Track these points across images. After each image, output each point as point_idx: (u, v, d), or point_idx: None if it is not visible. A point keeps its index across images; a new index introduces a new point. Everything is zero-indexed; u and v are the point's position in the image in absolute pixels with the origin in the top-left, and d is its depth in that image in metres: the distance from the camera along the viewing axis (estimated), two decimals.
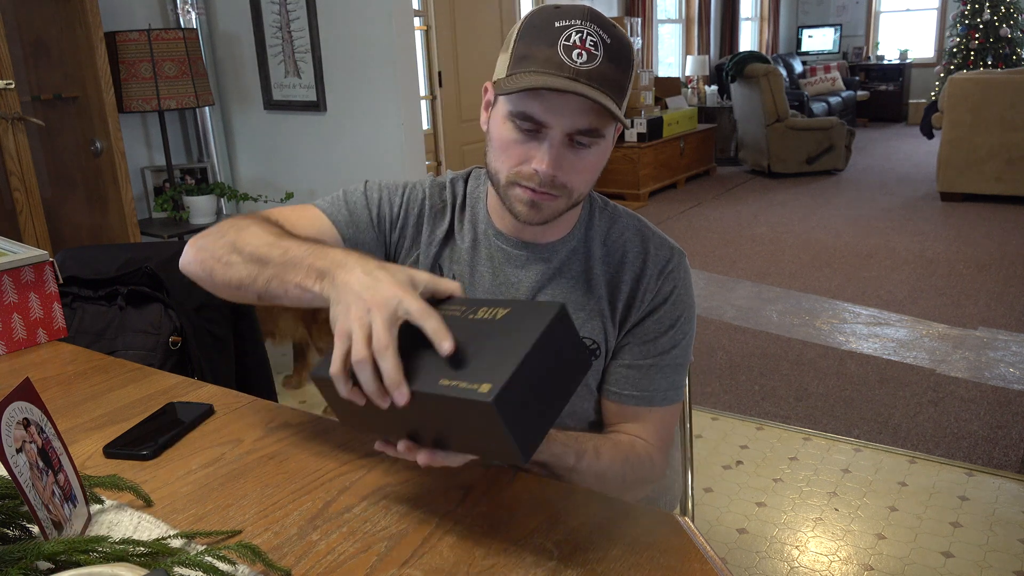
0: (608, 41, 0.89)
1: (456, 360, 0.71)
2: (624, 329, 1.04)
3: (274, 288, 0.86)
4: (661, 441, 1.06)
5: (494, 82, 0.96)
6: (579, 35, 0.88)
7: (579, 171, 0.93)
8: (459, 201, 1.11)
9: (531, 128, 0.91)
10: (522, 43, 0.91)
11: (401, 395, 0.69)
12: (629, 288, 1.04)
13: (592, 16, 0.90)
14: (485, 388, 0.65)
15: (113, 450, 0.98)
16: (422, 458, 0.76)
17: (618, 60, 0.89)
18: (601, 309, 1.04)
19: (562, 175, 0.92)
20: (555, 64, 0.87)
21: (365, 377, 0.70)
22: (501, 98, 0.94)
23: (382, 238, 1.10)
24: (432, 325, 0.70)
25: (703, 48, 8.56)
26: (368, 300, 0.72)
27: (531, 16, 0.93)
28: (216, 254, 0.94)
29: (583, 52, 0.87)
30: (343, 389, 0.74)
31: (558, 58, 0.87)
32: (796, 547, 2.04)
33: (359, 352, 0.70)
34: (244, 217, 0.99)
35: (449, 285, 0.78)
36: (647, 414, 1.05)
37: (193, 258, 0.99)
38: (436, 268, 1.10)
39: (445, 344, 0.69)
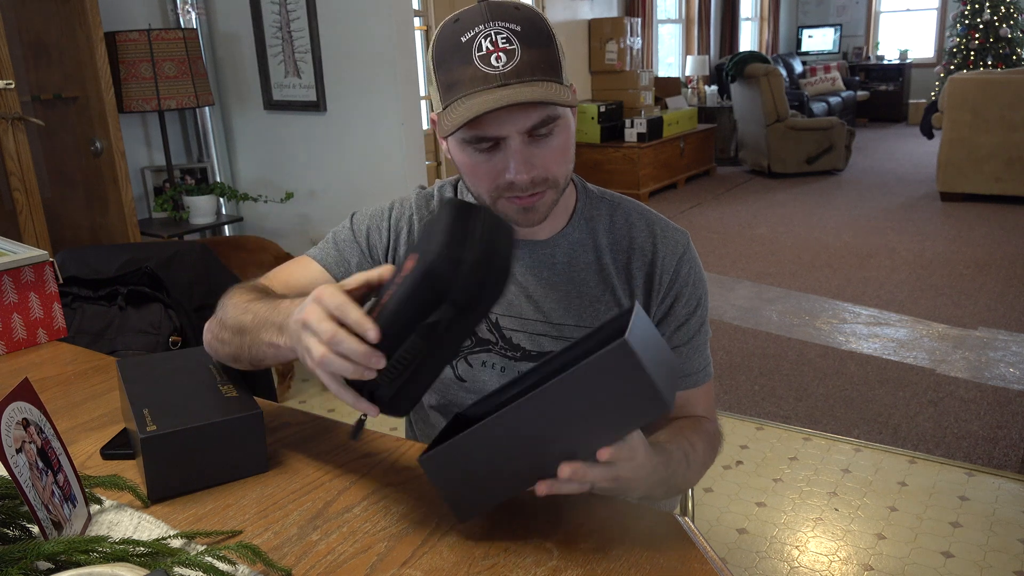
0: (518, 29, 0.86)
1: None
2: (650, 316, 1.05)
3: (255, 353, 0.89)
4: (713, 412, 1.09)
5: (437, 116, 0.94)
6: (488, 40, 0.86)
7: (552, 159, 0.92)
8: None
9: (489, 146, 0.90)
10: (441, 72, 0.89)
11: (374, 332, 0.69)
12: (644, 274, 1.04)
13: (491, 12, 0.87)
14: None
15: (109, 451, 0.98)
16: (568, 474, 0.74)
17: (537, 41, 0.87)
18: (618, 299, 1.03)
19: (538, 171, 0.91)
20: (480, 79, 0.85)
21: (346, 346, 0.69)
22: (451, 134, 0.92)
23: (370, 260, 1.09)
24: (354, 316, 0.70)
25: (703, 48, 8.56)
26: (302, 312, 0.75)
27: (437, 41, 0.90)
28: (215, 334, 0.98)
29: (500, 54, 0.85)
30: (357, 372, 0.71)
31: (480, 72, 0.85)
32: (796, 547, 2.04)
33: (324, 330, 0.70)
34: (235, 287, 1.02)
35: (377, 272, 0.77)
36: (697, 394, 1.07)
37: (206, 343, 1.03)
38: None
39: (369, 333, 0.69)
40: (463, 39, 0.87)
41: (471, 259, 0.70)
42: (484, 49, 0.86)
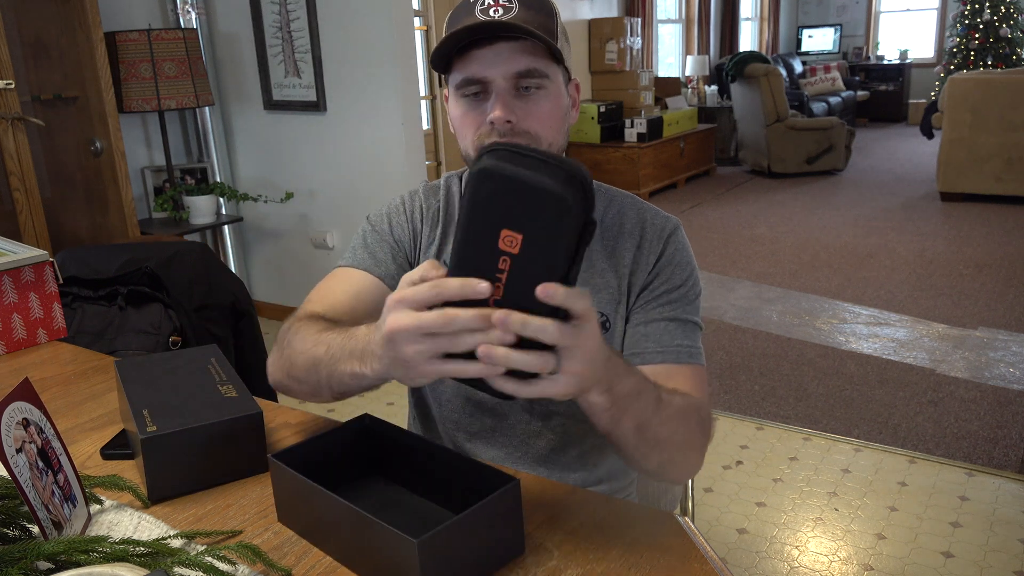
0: None
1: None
2: (633, 293, 1.05)
3: (336, 385, 0.86)
4: (704, 395, 1.02)
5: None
6: None
7: (536, 117, 0.95)
8: (456, 198, 1.12)
9: (477, 91, 0.95)
10: (446, 26, 0.96)
11: (485, 284, 0.62)
12: (632, 255, 1.05)
13: None
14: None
15: (109, 451, 0.98)
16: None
17: (537, 7, 0.93)
18: (607, 281, 1.05)
19: (518, 121, 0.94)
20: (474, 24, 0.91)
21: (461, 321, 0.63)
22: (450, 85, 0.98)
23: (403, 253, 1.10)
24: (453, 285, 0.64)
25: (703, 48, 8.56)
26: (383, 328, 0.69)
27: (454, 8, 0.98)
28: (287, 372, 0.95)
29: (498, 8, 0.91)
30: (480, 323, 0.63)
31: (477, 20, 0.91)
32: (796, 547, 2.04)
33: (419, 294, 0.64)
34: (291, 322, 0.98)
35: (419, 273, 0.69)
36: (679, 372, 1.01)
37: (275, 382, 0.99)
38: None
39: (480, 286, 0.62)
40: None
41: (580, 174, 0.61)
42: (486, 4, 0.92)
